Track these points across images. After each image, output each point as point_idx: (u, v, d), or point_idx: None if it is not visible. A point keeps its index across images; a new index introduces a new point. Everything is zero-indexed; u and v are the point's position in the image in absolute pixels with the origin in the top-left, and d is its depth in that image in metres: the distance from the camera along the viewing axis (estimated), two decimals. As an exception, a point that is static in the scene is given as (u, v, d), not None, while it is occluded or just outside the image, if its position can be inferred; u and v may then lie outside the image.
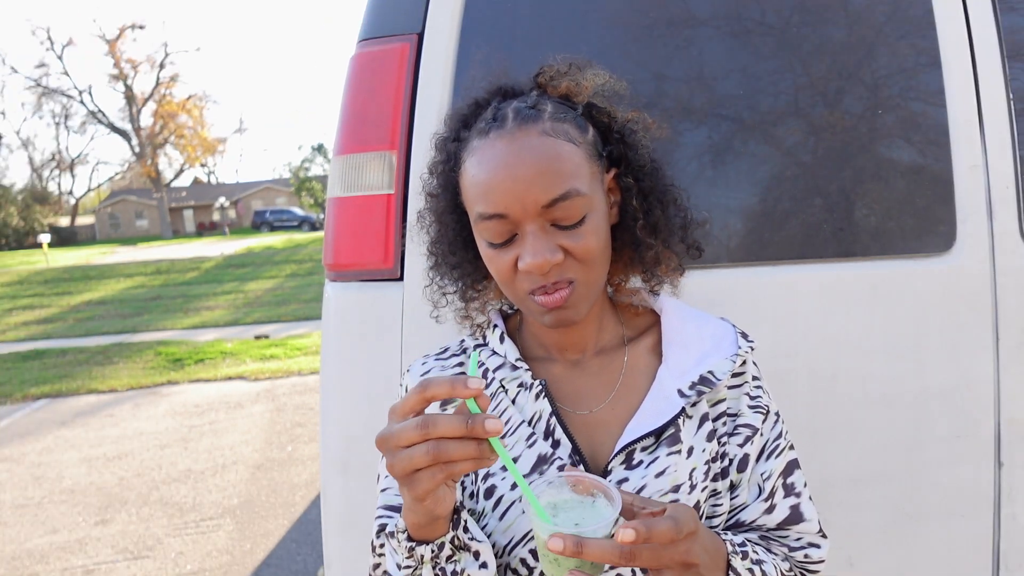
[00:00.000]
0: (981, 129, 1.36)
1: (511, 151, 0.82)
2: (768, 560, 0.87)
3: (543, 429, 0.90)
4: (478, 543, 0.81)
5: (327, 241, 1.44)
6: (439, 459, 0.66)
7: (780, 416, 0.97)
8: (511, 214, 0.82)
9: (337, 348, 1.42)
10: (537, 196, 0.80)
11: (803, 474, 0.97)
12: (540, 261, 0.81)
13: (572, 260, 0.84)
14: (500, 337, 0.98)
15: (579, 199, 0.82)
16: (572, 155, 0.83)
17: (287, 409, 6.12)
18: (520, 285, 0.85)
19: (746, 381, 0.95)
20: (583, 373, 0.96)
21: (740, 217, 1.39)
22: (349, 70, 1.44)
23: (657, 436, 0.89)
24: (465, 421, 0.66)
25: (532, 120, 0.84)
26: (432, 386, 0.69)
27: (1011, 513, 1.39)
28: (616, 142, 0.92)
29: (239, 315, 11.59)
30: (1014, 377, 1.37)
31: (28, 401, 7.05)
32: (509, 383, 0.94)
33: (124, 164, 59.64)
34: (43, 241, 24.84)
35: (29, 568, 3.62)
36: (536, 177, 0.81)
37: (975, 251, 1.36)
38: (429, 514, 0.74)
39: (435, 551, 0.78)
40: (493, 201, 0.82)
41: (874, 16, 1.39)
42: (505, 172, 0.81)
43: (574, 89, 0.90)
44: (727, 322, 0.99)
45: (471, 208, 0.86)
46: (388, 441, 0.69)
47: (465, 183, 0.87)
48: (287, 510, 4.10)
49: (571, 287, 0.84)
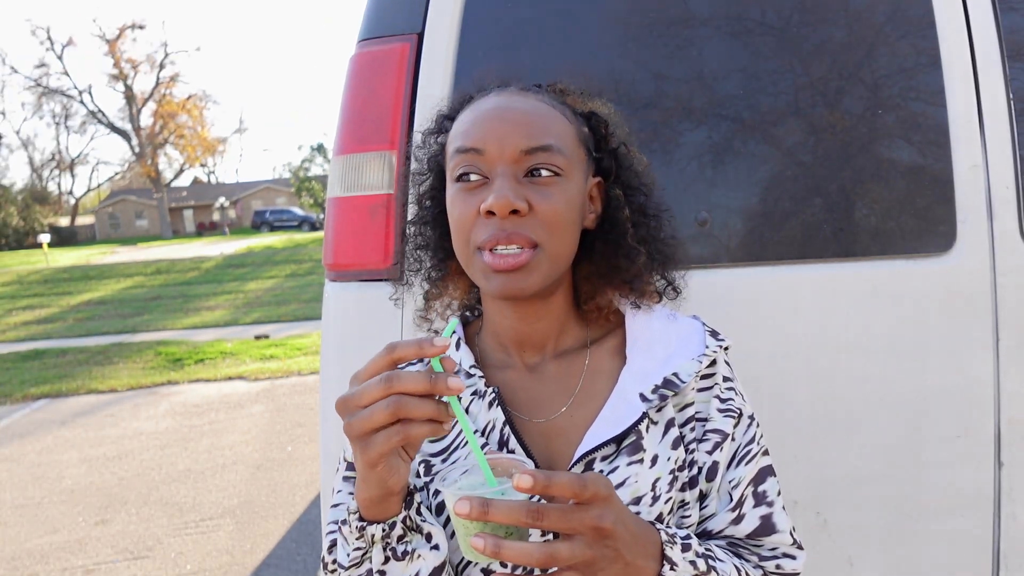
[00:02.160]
0: (981, 129, 1.36)
1: (503, 100, 0.85)
2: (727, 560, 0.81)
3: (497, 439, 0.86)
4: (430, 525, 0.79)
5: (327, 241, 1.44)
6: (398, 414, 0.66)
7: (755, 420, 0.92)
8: (488, 150, 0.81)
9: (337, 348, 1.42)
10: (518, 140, 0.81)
11: (777, 482, 0.90)
12: (501, 201, 0.78)
13: (535, 220, 0.81)
14: (456, 344, 0.94)
15: (558, 156, 0.82)
16: (561, 122, 0.85)
17: (287, 409, 6.12)
18: (475, 237, 0.82)
19: (716, 383, 0.90)
20: (540, 379, 0.91)
21: (740, 217, 1.39)
22: (349, 70, 1.44)
23: (618, 444, 0.84)
24: (428, 376, 0.66)
25: (533, 91, 0.88)
26: (400, 347, 0.68)
27: (1011, 513, 1.39)
28: (608, 154, 0.92)
29: (239, 315, 11.59)
30: (1014, 377, 1.37)
31: (28, 401, 7.05)
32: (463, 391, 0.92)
33: (124, 164, 59.71)
34: (43, 241, 24.86)
35: (29, 568, 3.62)
36: (521, 122, 0.82)
37: (975, 251, 1.36)
38: (382, 484, 0.71)
39: (386, 530, 0.76)
40: (473, 135, 0.82)
41: (874, 16, 1.39)
42: (493, 113, 0.83)
43: (578, 101, 0.92)
44: (697, 320, 0.94)
45: (451, 150, 0.86)
46: (349, 402, 0.68)
47: (452, 134, 0.87)
48: (287, 510, 4.10)
49: (533, 253, 0.80)
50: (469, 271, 0.86)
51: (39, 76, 49.33)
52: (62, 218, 54.99)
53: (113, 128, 48.96)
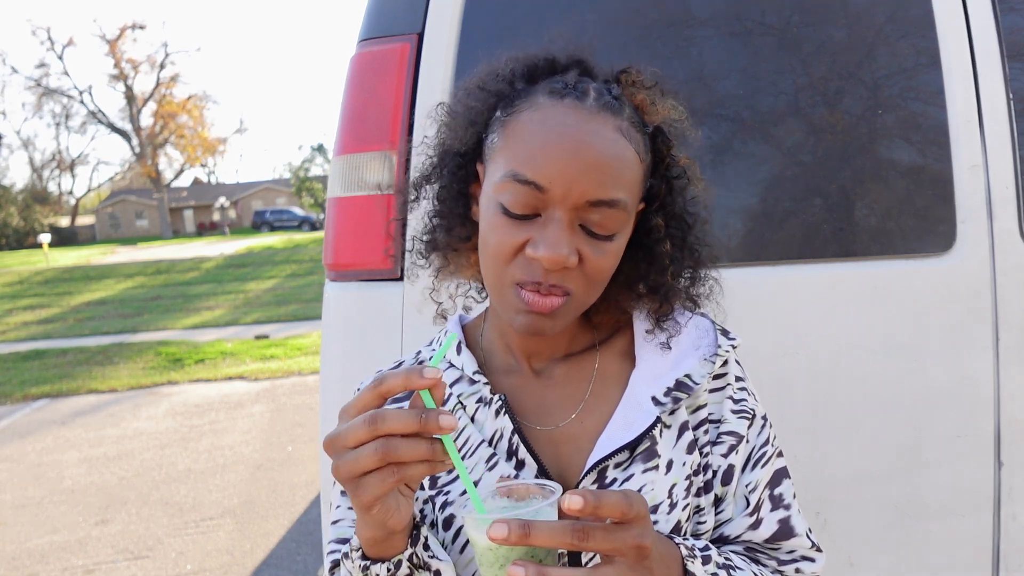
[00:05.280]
0: (981, 129, 1.36)
1: (583, 128, 0.73)
2: (747, 568, 0.78)
3: (505, 449, 0.81)
4: (439, 561, 0.74)
5: (327, 241, 1.44)
6: (387, 459, 0.60)
7: (768, 420, 0.88)
8: (551, 190, 0.72)
9: (337, 348, 1.42)
10: (587, 187, 0.72)
11: (792, 484, 0.88)
12: (556, 256, 0.71)
13: (579, 272, 0.75)
14: (457, 348, 0.89)
15: (622, 214, 0.75)
16: (635, 168, 0.76)
17: (287, 409, 6.12)
18: (512, 272, 0.75)
19: (728, 383, 0.86)
20: (548, 384, 0.87)
21: (740, 217, 1.39)
22: (349, 70, 1.44)
23: (631, 450, 0.80)
24: (418, 416, 0.60)
25: (613, 111, 0.75)
26: (387, 380, 0.63)
27: (1011, 513, 1.39)
28: (661, 179, 0.83)
29: (239, 315, 11.59)
30: (1014, 377, 1.37)
31: (28, 401, 7.06)
32: (467, 398, 0.85)
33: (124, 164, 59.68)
34: (43, 241, 24.85)
35: (29, 568, 3.62)
36: (597, 167, 0.72)
37: (975, 251, 1.36)
38: (381, 526, 0.66)
39: (391, 570, 0.71)
40: (539, 167, 0.72)
41: (874, 16, 1.39)
42: (569, 144, 0.72)
43: (648, 107, 0.81)
44: (707, 319, 0.90)
45: (504, 163, 0.75)
46: (336, 442, 0.63)
47: (510, 134, 0.76)
48: (287, 510, 4.10)
49: (565, 300, 0.75)
50: (495, 296, 0.80)
51: (39, 76, 49.35)
52: (62, 218, 55.01)
53: (113, 128, 48.96)
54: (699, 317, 0.90)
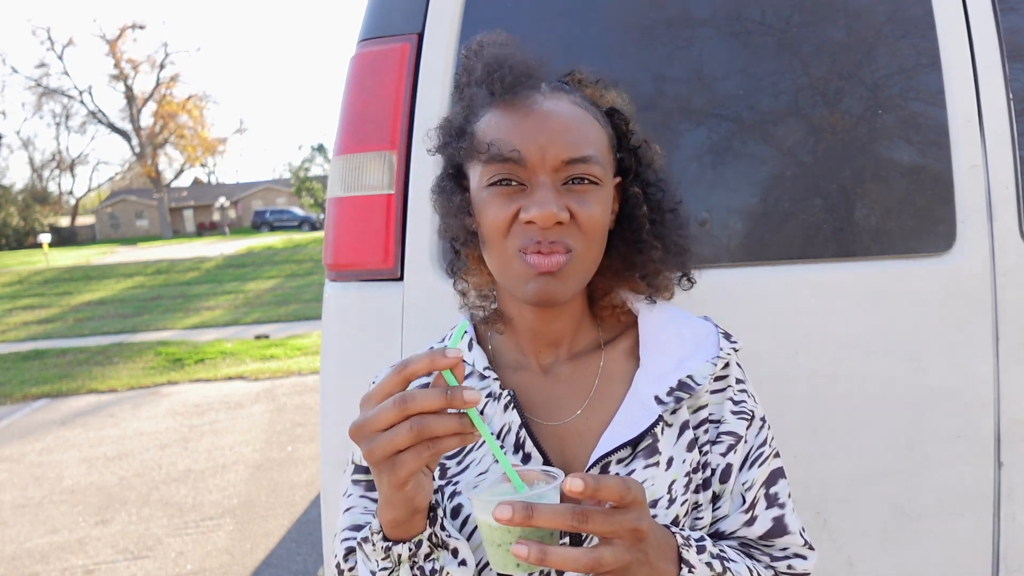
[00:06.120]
0: (981, 129, 1.36)
1: (543, 105, 0.82)
2: (740, 561, 0.82)
3: (512, 442, 0.86)
4: (456, 540, 0.79)
5: (327, 241, 1.44)
6: (423, 435, 0.64)
7: (766, 422, 0.92)
8: (528, 158, 0.79)
9: (337, 348, 1.42)
10: (560, 150, 0.79)
11: (787, 484, 0.92)
12: (547, 212, 0.77)
13: (574, 227, 0.81)
14: (468, 344, 0.93)
15: (597, 167, 0.82)
16: (597, 129, 0.84)
17: (287, 409, 6.12)
18: (513, 241, 0.81)
19: (729, 385, 0.90)
20: (555, 381, 0.91)
21: (740, 217, 1.39)
22: (349, 70, 1.44)
23: (633, 447, 0.84)
24: (443, 393, 0.65)
25: (565, 91, 0.86)
26: (412, 363, 0.67)
27: (1011, 513, 1.39)
28: (628, 152, 0.90)
29: (239, 315, 11.59)
30: (1014, 377, 1.37)
31: (28, 401, 7.05)
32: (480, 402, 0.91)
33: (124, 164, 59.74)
34: (43, 241, 24.85)
35: (29, 568, 3.62)
36: (563, 130, 0.80)
37: (975, 251, 1.36)
38: (408, 504, 0.71)
39: (412, 549, 0.75)
40: (513, 143, 0.79)
41: (874, 16, 1.39)
42: (534, 119, 0.80)
43: (597, 97, 0.90)
44: (709, 322, 0.94)
45: (481, 154, 0.82)
46: (364, 428, 0.67)
47: (480, 133, 0.83)
48: (287, 510, 4.10)
49: (568, 257, 0.80)
50: (504, 274, 0.85)
51: (39, 76, 49.38)
52: (62, 218, 55.01)
53: (113, 128, 48.96)
54: (702, 320, 0.94)
